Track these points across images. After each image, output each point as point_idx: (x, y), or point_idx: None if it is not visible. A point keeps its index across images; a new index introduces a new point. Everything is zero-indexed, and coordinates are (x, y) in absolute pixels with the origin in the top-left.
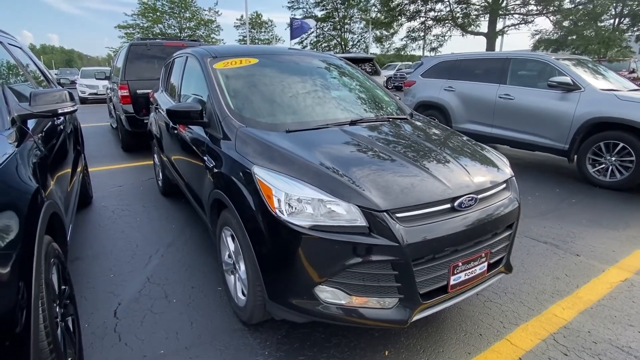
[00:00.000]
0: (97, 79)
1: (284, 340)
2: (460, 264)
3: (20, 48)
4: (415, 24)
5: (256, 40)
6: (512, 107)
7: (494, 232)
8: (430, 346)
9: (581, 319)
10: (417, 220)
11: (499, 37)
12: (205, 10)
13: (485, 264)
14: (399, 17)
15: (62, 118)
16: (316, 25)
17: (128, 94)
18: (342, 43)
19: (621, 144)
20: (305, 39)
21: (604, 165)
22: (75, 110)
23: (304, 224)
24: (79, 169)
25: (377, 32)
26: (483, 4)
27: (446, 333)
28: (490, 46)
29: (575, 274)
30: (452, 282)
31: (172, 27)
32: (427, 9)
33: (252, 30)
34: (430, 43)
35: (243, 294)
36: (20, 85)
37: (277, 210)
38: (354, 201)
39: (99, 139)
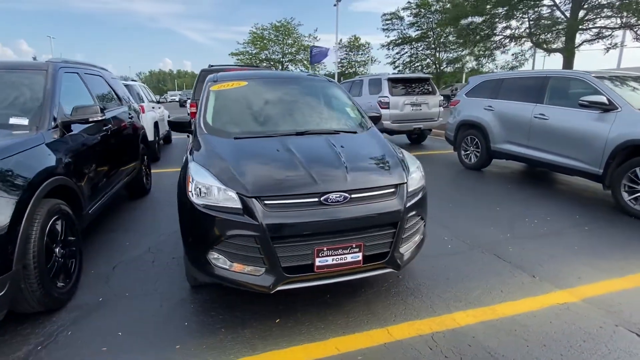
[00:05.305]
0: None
1: (208, 299)
2: (325, 249)
3: (100, 76)
4: (489, 43)
5: (352, 62)
6: (546, 128)
7: (367, 228)
8: (316, 321)
9: (476, 326)
10: (282, 207)
11: (577, 52)
12: (305, 36)
13: (359, 254)
14: (471, 36)
15: (109, 125)
16: (336, 48)
17: (196, 110)
18: (436, 62)
19: None
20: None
21: None
22: (102, 120)
23: (200, 202)
24: (129, 166)
25: (474, 52)
26: (560, 19)
27: (338, 316)
28: (568, 63)
29: (511, 291)
30: (317, 264)
31: (276, 53)
32: (503, 27)
33: (350, 52)
34: (512, 62)
35: None
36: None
37: (189, 193)
38: (236, 188)
39: (183, 147)
